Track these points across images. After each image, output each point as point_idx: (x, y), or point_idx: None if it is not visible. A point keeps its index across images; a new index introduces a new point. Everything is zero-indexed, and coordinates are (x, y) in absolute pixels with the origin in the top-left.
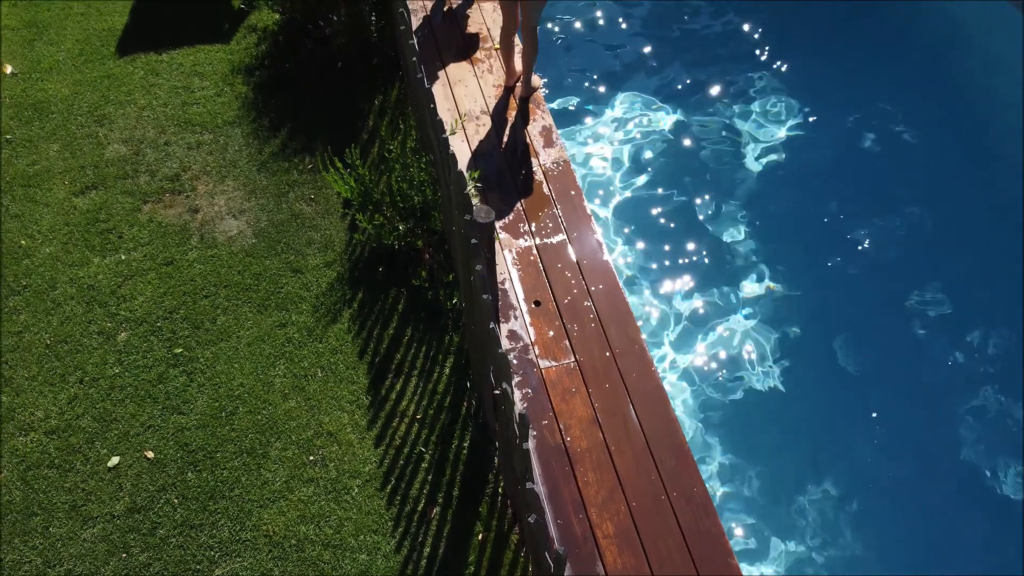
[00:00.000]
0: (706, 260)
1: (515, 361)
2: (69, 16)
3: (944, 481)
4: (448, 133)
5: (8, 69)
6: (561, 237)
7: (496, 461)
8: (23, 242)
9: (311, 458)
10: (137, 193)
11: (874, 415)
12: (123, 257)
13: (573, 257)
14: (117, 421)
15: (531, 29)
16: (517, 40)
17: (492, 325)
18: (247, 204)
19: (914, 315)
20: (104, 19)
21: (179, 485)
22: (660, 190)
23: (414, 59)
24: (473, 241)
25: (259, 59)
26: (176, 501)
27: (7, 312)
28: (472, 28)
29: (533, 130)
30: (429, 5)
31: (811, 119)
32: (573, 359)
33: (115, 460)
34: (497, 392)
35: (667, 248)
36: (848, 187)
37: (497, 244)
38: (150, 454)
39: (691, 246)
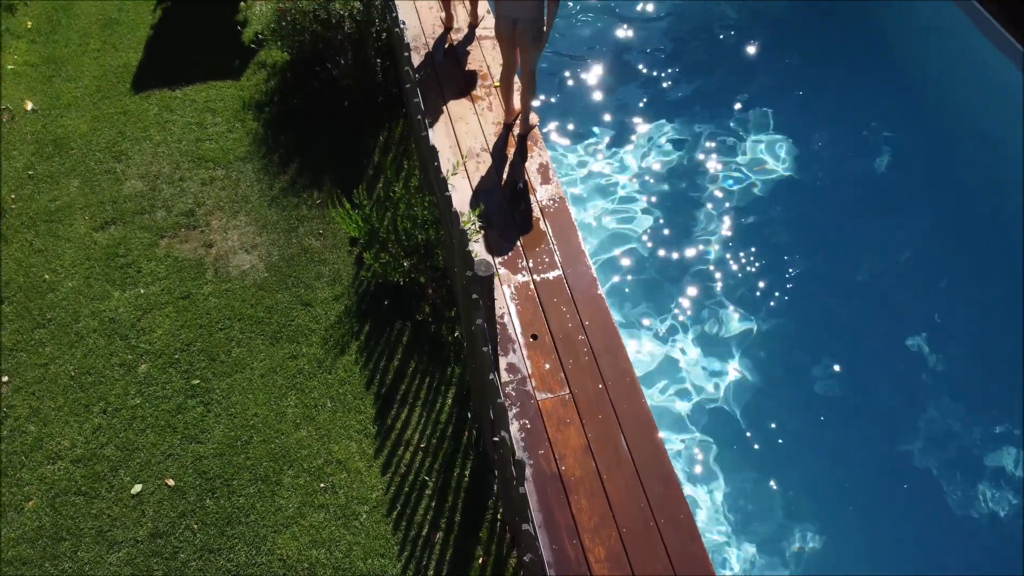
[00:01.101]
0: (696, 285)
1: (513, 393)
2: (86, 52)
3: (943, 483)
4: (449, 175)
5: (28, 105)
6: (557, 273)
7: (495, 489)
8: (47, 276)
9: (322, 485)
10: (154, 228)
11: (869, 421)
12: (142, 291)
13: (568, 292)
14: (139, 450)
15: (529, 71)
16: (516, 80)
17: (492, 376)
18: (259, 239)
19: (910, 327)
20: (120, 55)
21: (198, 511)
22: (652, 220)
23: (419, 116)
24: (474, 296)
25: (268, 95)
26: (196, 527)
27: (33, 344)
28: (472, 65)
29: (531, 167)
30: (432, 43)
31: (803, 146)
32: (568, 391)
33: (138, 487)
34: (496, 440)
35: (658, 275)
36: (836, 213)
37: (496, 280)
38: (171, 482)
39: (681, 273)
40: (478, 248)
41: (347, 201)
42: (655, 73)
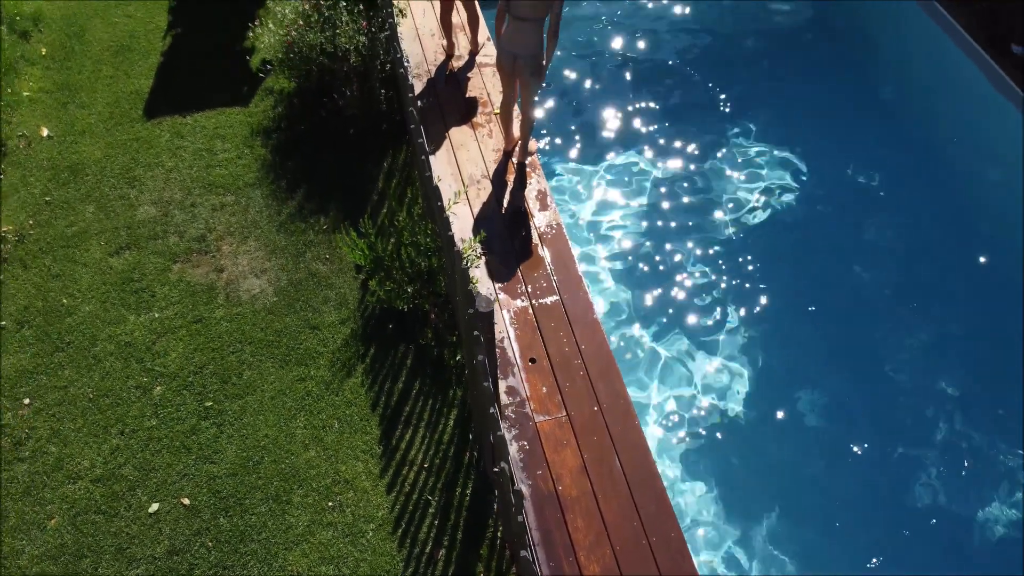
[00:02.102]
0: (686, 310)
1: (512, 415)
2: (99, 79)
3: (944, 487)
4: (450, 206)
5: (44, 132)
6: (555, 298)
7: (495, 508)
8: (64, 301)
9: (330, 504)
10: (167, 253)
11: (866, 434)
12: (156, 315)
13: (565, 316)
14: (155, 470)
15: (529, 101)
16: (516, 108)
17: (492, 410)
18: (268, 263)
19: (907, 342)
20: (131, 81)
21: (213, 529)
22: (645, 244)
23: (423, 157)
24: (476, 333)
25: (276, 121)
26: (211, 544)
27: (53, 367)
28: (473, 92)
29: (529, 194)
30: (434, 70)
31: (792, 171)
32: (565, 413)
33: (155, 506)
34: (496, 470)
35: (650, 300)
36: (823, 236)
37: (496, 305)
38: (186, 500)
39: (673, 297)
40: (479, 274)
41: (353, 230)
42: (650, 92)
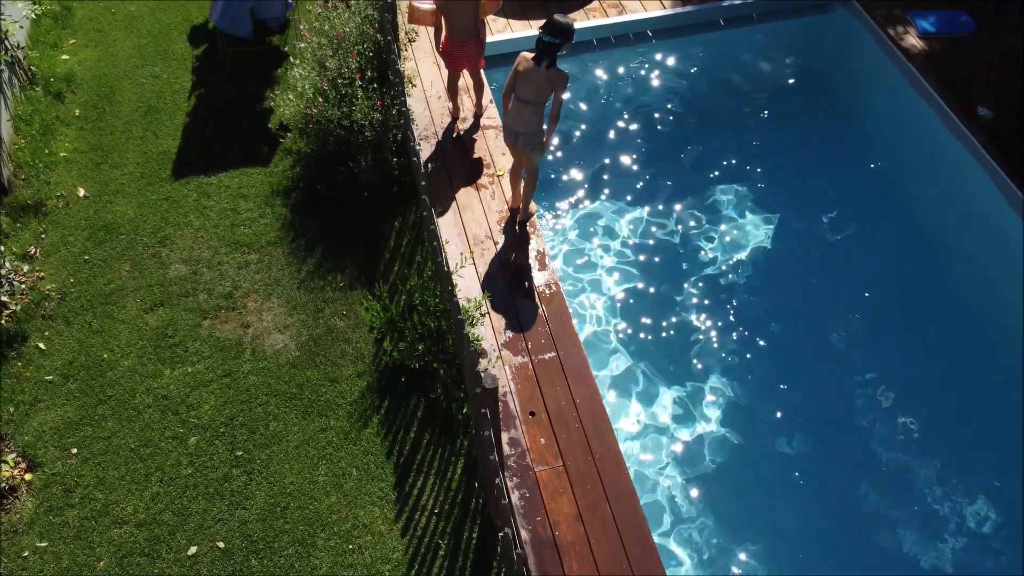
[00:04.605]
0: (673, 360)
1: (514, 465)
2: (129, 139)
3: (945, 488)
4: (457, 269)
5: (81, 192)
6: (552, 354)
7: (499, 551)
8: (105, 356)
9: (350, 547)
10: (197, 310)
11: (851, 476)
12: (189, 369)
13: (562, 371)
14: (192, 516)
15: (532, 170)
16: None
17: (498, 479)
18: (290, 319)
19: (883, 386)
20: (160, 141)
21: (245, 571)
22: (633, 298)
23: (435, 243)
24: (483, 410)
25: (295, 181)
26: None
27: (97, 419)
28: (477, 153)
29: (530, 254)
30: (440, 132)
31: (781, 225)
32: (561, 463)
33: (193, 549)
34: (501, 535)
35: (638, 352)
36: (812, 286)
37: (499, 361)
38: (221, 544)
39: (661, 349)
40: (483, 331)
41: (368, 293)
42: (642, 154)
